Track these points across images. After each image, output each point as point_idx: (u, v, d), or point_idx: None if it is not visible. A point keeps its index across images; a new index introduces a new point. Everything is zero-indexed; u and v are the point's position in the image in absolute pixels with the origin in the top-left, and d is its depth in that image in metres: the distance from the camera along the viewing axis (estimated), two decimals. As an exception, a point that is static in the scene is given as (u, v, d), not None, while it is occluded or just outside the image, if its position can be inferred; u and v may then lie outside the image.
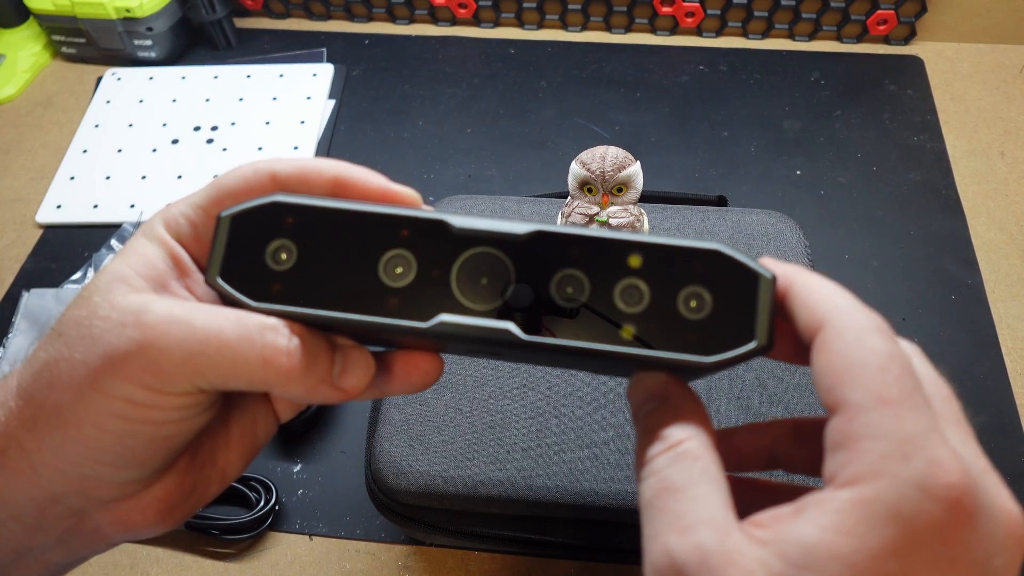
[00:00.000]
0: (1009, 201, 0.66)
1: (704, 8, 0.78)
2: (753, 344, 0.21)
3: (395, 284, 0.22)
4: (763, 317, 0.21)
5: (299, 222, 0.22)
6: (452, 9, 0.81)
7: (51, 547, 0.25)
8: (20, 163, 0.73)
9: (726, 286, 0.21)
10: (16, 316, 0.60)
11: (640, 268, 0.22)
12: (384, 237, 0.22)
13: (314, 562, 0.49)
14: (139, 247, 0.24)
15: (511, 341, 0.21)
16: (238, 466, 0.27)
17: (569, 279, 0.22)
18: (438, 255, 0.22)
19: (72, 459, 0.22)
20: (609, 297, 0.22)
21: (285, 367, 0.22)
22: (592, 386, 0.44)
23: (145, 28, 0.77)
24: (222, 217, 0.23)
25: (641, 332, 0.21)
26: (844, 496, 0.18)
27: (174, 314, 0.21)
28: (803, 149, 0.70)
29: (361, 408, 0.55)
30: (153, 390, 0.21)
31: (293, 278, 0.22)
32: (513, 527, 0.43)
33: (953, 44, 0.79)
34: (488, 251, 0.22)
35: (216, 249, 0.22)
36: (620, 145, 0.46)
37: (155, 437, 0.22)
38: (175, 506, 0.25)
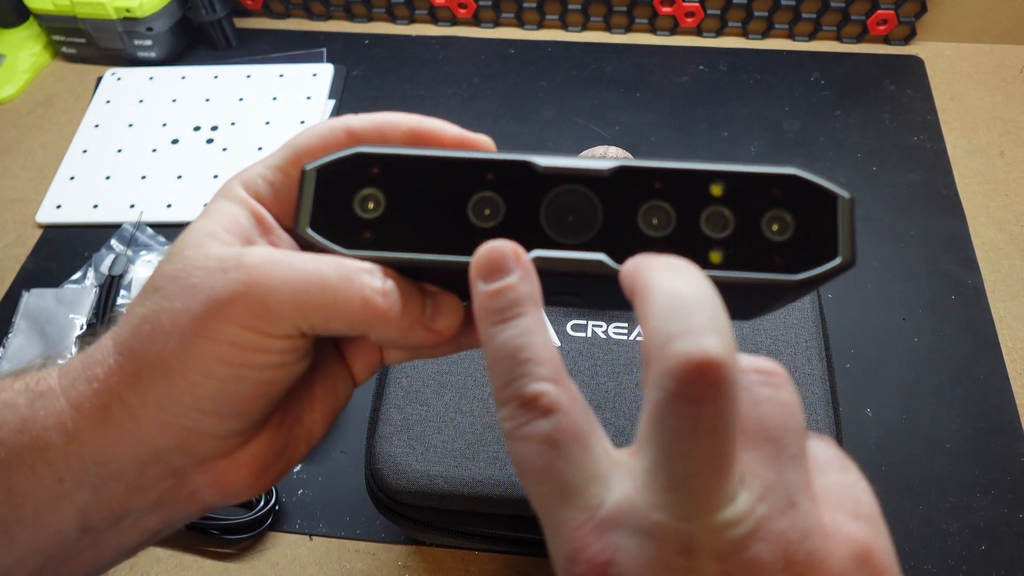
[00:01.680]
0: (1009, 201, 0.66)
1: (704, 8, 0.78)
2: (838, 260, 0.21)
3: (485, 225, 0.23)
4: (845, 235, 0.22)
5: (384, 171, 0.23)
6: (452, 9, 0.81)
7: (148, 510, 0.25)
8: (20, 163, 0.73)
9: (807, 208, 0.22)
10: (16, 316, 0.60)
11: (723, 196, 0.22)
12: (470, 181, 0.23)
13: (314, 562, 0.49)
14: (221, 207, 0.24)
15: (604, 272, 0.22)
16: (322, 426, 0.27)
17: (655, 210, 0.22)
18: (525, 195, 0.23)
19: (176, 410, 0.22)
20: (695, 225, 0.22)
21: (383, 307, 0.22)
22: (592, 386, 0.44)
23: (145, 28, 0.77)
24: (307, 170, 0.23)
25: (729, 256, 0.22)
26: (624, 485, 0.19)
27: (275, 256, 0.22)
28: (803, 149, 0.70)
29: (361, 408, 0.55)
30: (259, 332, 0.22)
31: (383, 225, 0.23)
32: (513, 527, 0.43)
33: (953, 44, 0.78)
34: (574, 188, 0.23)
35: (303, 201, 0.23)
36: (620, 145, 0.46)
37: (258, 382, 0.23)
38: (268, 466, 0.25)
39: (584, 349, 0.45)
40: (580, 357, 0.45)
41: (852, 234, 0.22)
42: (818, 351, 0.45)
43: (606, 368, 0.44)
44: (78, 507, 0.23)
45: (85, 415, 0.23)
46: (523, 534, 0.44)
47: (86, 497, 0.23)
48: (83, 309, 0.60)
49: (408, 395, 0.44)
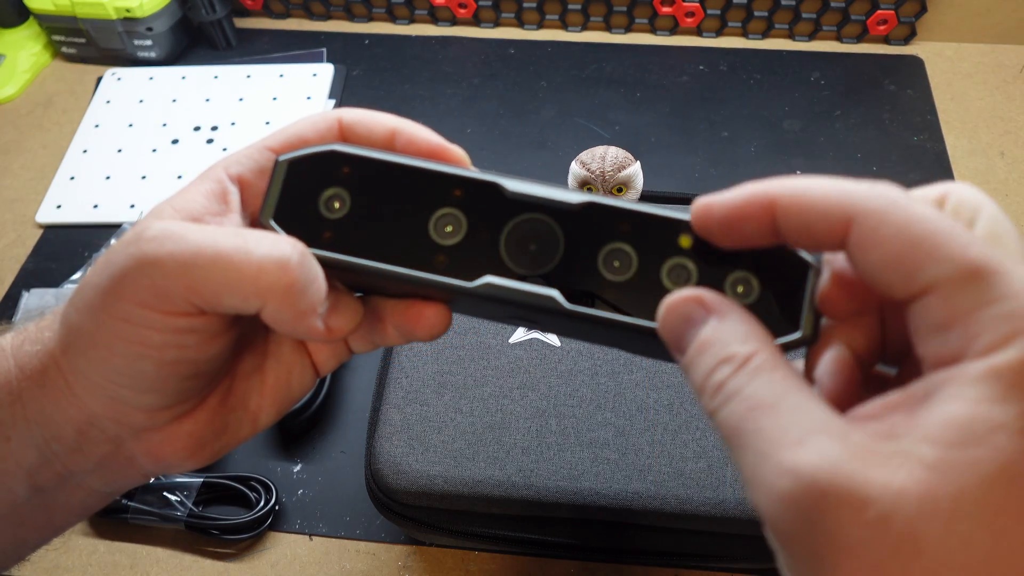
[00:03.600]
0: (1009, 201, 0.66)
1: (704, 8, 0.78)
2: (797, 335, 0.21)
3: (444, 242, 0.22)
4: (809, 308, 0.21)
5: (355, 173, 0.23)
6: (452, 9, 0.81)
7: (90, 472, 0.25)
8: (20, 163, 0.73)
9: (775, 274, 0.21)
10: (16, 316, 0.60)
11: (690, 248, 0.21)
12: (437, 195, 0.23)
13: (314, 562, 0.49)
14: (190, 186, 0.24)
15: (555, 309, 0.21)
16: (270, 413, 0.27)
17: (618, 253, 0.22)
18: (489, 217, 0.22)
19: (96, 381, 0.23)
20: (656, 275, 0.21)
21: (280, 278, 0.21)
22: (592, 386, 0.44)
23: (145, 28, 0.76)
24: (279, 161, 0.23)
25: None
26: (983, 366, 0.16)
27: (170, 229, 0.21)
28: (803, 149, 0.70)
29: (361, 408, 0.55)
30: (149, 307, 0.21)
31: (344, 227, 0.23)
32: (513, 527, 0.43)
33: (953, 44, 0.78)
34: (539, 217, 0.22)
35: (271, 191, 0.23)
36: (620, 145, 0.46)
37: (161, 361, 0.22)
38: (205, 443, 0.25)
39: (584, 349, 0.45)
40: (580, 357, 0.45)
41: (817, 308, 0.21)
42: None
43: (606, 368, 0.44)
44: (25, 467, 0.24)
45: (27, 376, 0.24)
46: (523, 534, 0.44)
47: (32, 456, 0.24)
48: (83, 309, 0.60)
49: (408, 395, 0.44)
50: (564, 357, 0.45)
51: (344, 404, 0.56)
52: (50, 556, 0.50)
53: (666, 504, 0.40)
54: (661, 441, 0.42)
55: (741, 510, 0.40)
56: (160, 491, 0.49)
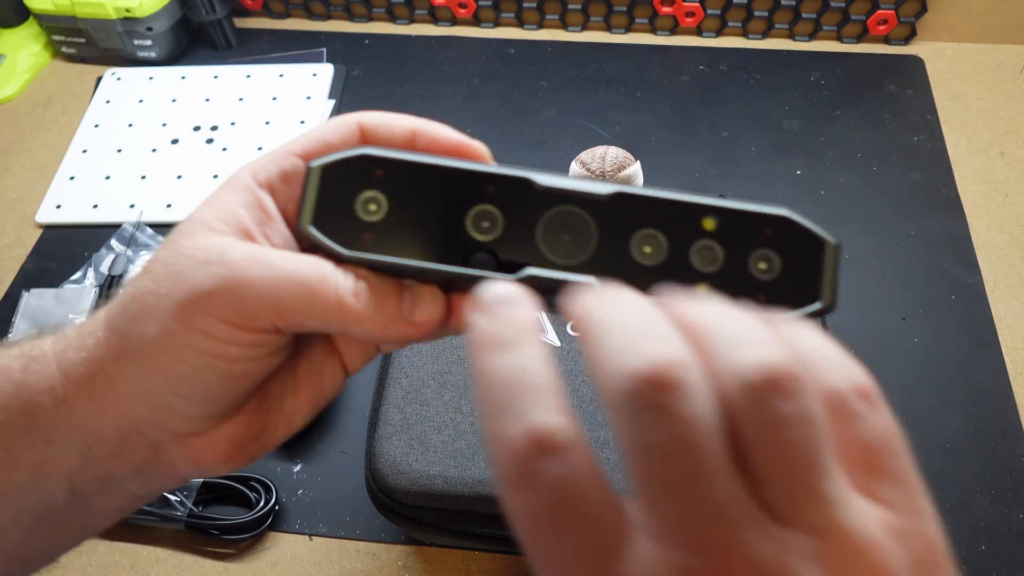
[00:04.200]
0: (1009, 201, 0.66)
1: (704, 8, 0.78)
2: (819, 304, 0.22)
3: (483, 238, 0.23)
4: (828, 279, 0.22)
5: (389, 175, 0.23)
6: (452, 9, 0.81)
7: (130, 477, 0.26)
8: (20, 163, 0.73)
9: (794, 250, 0.22)
10: (16, 316, 0.60)
11: (715, 230, 0.23)
12: (471, 193, 0.23)
13: (314, 562, 0.49)
14: (222, 196, 0.25)
15: None
16: (304, 414, 0.27)
17: (648, 238, 0.23)
18: (523, 211, 0.23)
19: (151, 389, 0.23)
20: (686, 257, 0.23)
21: (355, 307, 0.23)
22: (592, 386, 0.44)
23: (145, 28, 0.76)
24: (312, 167, 0.23)
25: (715, 290, 0.22)
26: None
27: (257, 254, 0.23)
28: (803, 149, 0.70)
29: (361, 408, 0.55)
30: (233, 325, 0.22)
31: (383, 228, 0.23)
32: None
33: (953, 44, 0.78)
34: (571, 209, 0.23)
35: (307, 198, 0.23)
36: (620, 145, 0.46)
37: (228, 374, 0.23)
38: (243, 446, 0.26)
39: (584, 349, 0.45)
40: (580, 357, 0.45)
41: (835, 279, 0.22)
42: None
43: (606, 368, 0.44)
44: (66, 471, 0.25)
45: (73, 382, 0.24)
46: (523, 534, 0.44)
47: (73, 460, 0.25)
48: (83, 309, 0.60)
49: (408, 395, 0.44)
50: (564, 357, 0.45)
51: (344, 404, 0.55)
52: (50, 556, 0.50)
53: (666, 504, 0.40)
54: (661, 441, 0.42)
55: (741, 510, 0.40)
56: (160, 491, 0.49)
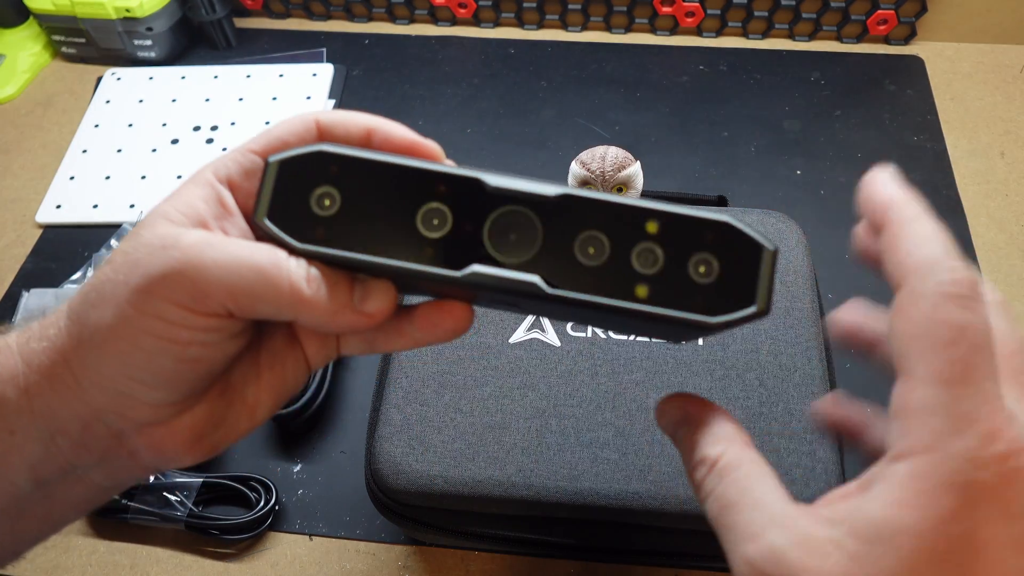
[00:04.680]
0: (1009, 201, 0.66)
1: (704, 8, 0.78)
2: (752, 308, 0.23)
3: (432, 235, 0.24)
4: (763, 285, 0.23)
5: (343, 171, 0.24)
6: (452, 9, 0.81)
7: (93, 466, 0.26)
8: (20, 163, 0.73)
9: (733, 255, 0.23)
10: (16, 316, 0.60)
11: (656, 234, 0.23)
12: (423, 191, 0.24)
13: (314, 562, 0.49)
14: (183, 191, 0.25)
15: (536, 293, 0.23)
16: (268, 406, 0.28)
17: (591, 240, 0.23)
18: (472, 210, 0.24)
19: (109, 375, 0.24)
20: (627, 259, 0.23)
21: (307, 292, 0.23)
22: (592, 386, 0.44)
23: (145, 28, 0.76)
24: (270, 162, 0.24)
25: (654, 292, 0.23)
26: (900, 470, 0.19)
27: (210, 239, 0.23)
28: (803, 149, 0.70)
29: (361, 408, 0.55)
30: (186, 308, 0.23)
31: (336, 223, 0.24)
32: (513, 527, 0.43)
33: (953, 44, 0.78)
34: (519, 209, 0.24)
35: (264, 192, 0.24)
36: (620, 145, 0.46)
37: (183, 357, 0.24)
38: (204, 436, 0.26)
39: (584, 349, 0.45)
40: (580, 357, 0.45)
41: (770, 285, 0.23)
42: (818, 351, 0.45)
43: (606, 368, 0.44)
44: (28, 461, 0.25)
45: (35, 371, 0.25)
46: (523, 534, 0.44)
47: (36, 450, 0.25)
48: (83, 309, 0.60)
49: (408, 395, 0.44)
50: (564, 357, 0.45)
51: (344, 404, 0.55)
52: (50, 556, 0.50)
53: (666, 504, 0.40)
54: (661, 441, 0.42)
55: (741, 510, 0.40)
56: (160, 491, 0.49)
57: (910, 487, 0.19)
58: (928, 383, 0.19)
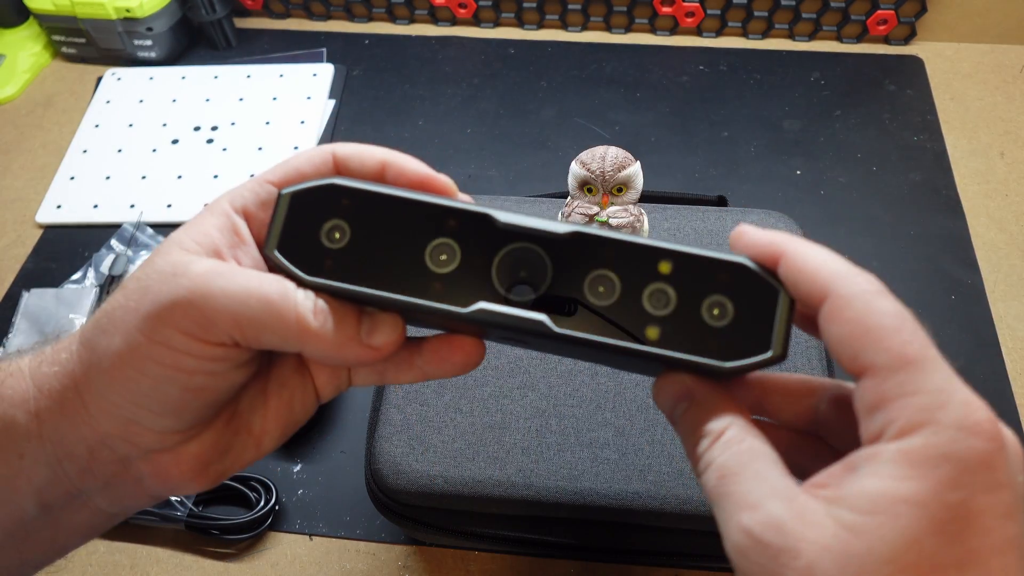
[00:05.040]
0: (1009, 201, 0.66)
1: (704, 8, 0.78)
2: (768, 354, 0.22)
3: (440, 270, 0.24)
4: (780, 329, 0.22)
5: (354, 205, 0.24)
6: (452, 9, 0.81)
7: (98, 491, 0.26)
8: (20, 163, 0.73)
9: (748, 298, 0.23)
10: (16, 316, 0.60)
11: (669, 274, 0.23)
12: (432, 226, 0.24)
13: (314, 562, 0.49)
14: (200, 220, 0.25)
15: (544, 332, 0.23)
16: (274, 436, 0.28)
17: (602, 279, 0.23)
18: (481, 246, 0.24)
19: (116, 402, 0.24)
20: (638, 299, 0.23)
21: (314, 325, 0.23)
22: (592, 386, 0.44)
23: (145, 28, 0.77)
24: (283, 194, 0.24)
25: (665, 334, 0.23)
26: (896, 447, 0.19)
27: (219, 267, 0.23)
28: (803, 149, 0.70)
29: (361, 408, 0.55)
30: (193, 336, 0.23)
31: (345, 256, 0.24)
32: (513, 527, 0.43)
33: (953, 44, 0.78)
34: (528, 247, 0.23)
35: (275, 224, 0.24)
36: (620, 145, 0.46)
37: (188, 386, 0.24)
38: (209, 464, 0.26)
39: (584, 349, 0.45)
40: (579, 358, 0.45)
41: (787, 330, 0.22)
42: (818, 351, 0.45)
43: (606, 368, 0.44)
44: (36, 485, 0.25)
45: (46, 395, 0.25)
46: (523, 534, 0.44)
47: (43, 474, 0.25)
48: (83, 309, 0.60)
49: (408, 395, 0.44)
50: (564, 357, 0.45)
51: (344, 404, 0.56)
52: (50, 556, 0.50)
53: (666, 504, 0.40)
54: (661, 441, 0.42)
55: (741, 510, 0.40)
56: (160, 491, 0.49)
57: (905, 461, 0.19)
58: (895, 370, 0.20)
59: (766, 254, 0.23)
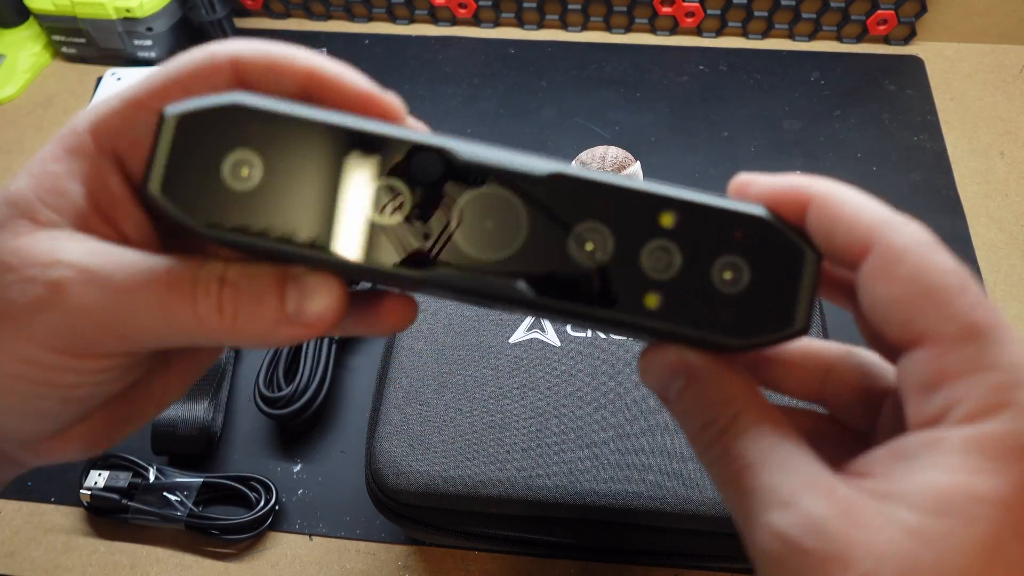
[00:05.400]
0: (1009, 201, 0.66)
1: (704, 8, 0.78)
2: (790, 328, 0.19)
3: (383, 220, 0.19)
4: (804, 299, 0.19)
5: (267, 132, 0.18)
6: (452, 9, 0.81)
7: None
8: (20, 163, 0.73)
9: (767, 259, 0.19)
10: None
11: (673, 228, 0.19)
12: (376, 162, 0.19)
13: (314, 562, 0.49)
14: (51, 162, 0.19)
15: (520, 299, 0.19)
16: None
17: (590, 232, 0.19)
18: (437, 189, 0.19)
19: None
20: (635, 259, 0.19)
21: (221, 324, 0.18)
22: (592, 386, 0.44)
23: (145, 28, 0.76)
24: (166, 116, 0.18)
25: (668, 302, 0.19)
26: (965, 434, 0.16)
27: (91, 267, 0.18)
28: (803, 149, 0.70)
29: (361, 408, 0.55)
30: (64, 353, 0.19)
31: (255, 200, 0.18)
32: (513, 527, 0.43)
33: (953, 44, 0.78)
34: (498, 191, 0.19)
35: (157, 155, 0.18)
36: (620, 145, 0.46)
37: (68, 398, 0.20)
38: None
39: (584, 349, 0.45)
40: (580, 357, 0.45)
41: (812, 298, 0.19)
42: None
43: (606, 368, 0.44)
44: None
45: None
46: (523, 534, 0.44)
47: None
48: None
49: (408, 395, 0.44)
50: (564, 357, 0.45)
51: (344, 404, 0.56)
52: (50, 556, 0.50)
53: (666, 504, 0.40)
54: (661, 441, 0.42)
55: (741, 510, 0.40)
56: (160, 491, 0.49)
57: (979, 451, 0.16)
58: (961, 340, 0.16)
59: (787, 201, 0.19)
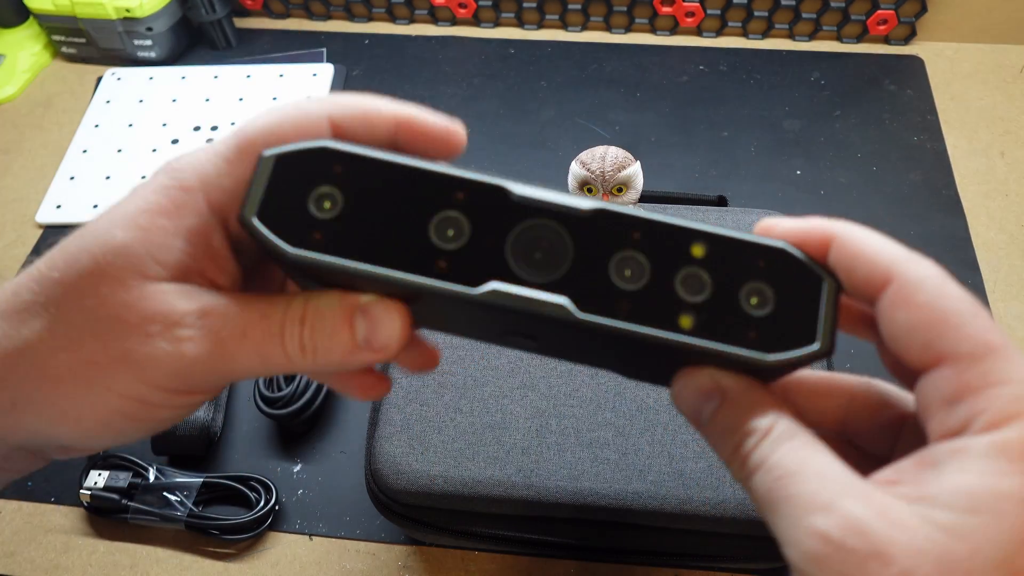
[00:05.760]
0: (1009, 201, 0.66)
1: (704, 8, 0.78)
2: (816, 347, 0.20)
3: (446, 247, 0.21)
4: (826, 320, 0.21)
5: (348, 171, 0.21)
6: (452, 9, 0.81)
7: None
8: (20, 163, 0.73)
9: (789, 285, 0.21)
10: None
11: (703, 258, 0.21)
12: (439, 197, 0.21)
13: (314, 562, 0.49)
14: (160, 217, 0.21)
15: (564, 318, 0.20)
16: None
17: (629, 260, 0.21)
18: (494, 222, 0.21)
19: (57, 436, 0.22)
20: (670, 284, 0.21)
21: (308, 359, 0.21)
22: (592, 386, 0.44)
23: (145, 28, 0.77)
24: (264, 156, 0.21)
25: (700, 323, 0.21)
26: (989, 440, 0.18)
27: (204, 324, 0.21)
28: (803, 149, 0.70)
29: (361, 408, 0.55)
30: (174, 392, 0.21)
31: (336, 228, 0.21)
32: (513, 527, 0.43)
33: (953, 44, 0.78)
34: (547, 223, 0.21)
35: (254, 188, 0.21)
36: (620, 145, 0.46)
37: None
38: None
39: (584, 349, 0.45)
40: (580, 357, 0.45)
41: (834, 320, 0.21)
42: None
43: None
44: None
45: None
46: (523, 534, 0.44)
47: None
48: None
49: (408, 395, 0.44)
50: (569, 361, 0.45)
51: (344, 404, 0.55)
52: (50, 556, 0.50)
53: (666, 504, 0.40)
54: (661, 441, 0.42)
55: (741, 510, 0.40)
56: (160, 491, 0.49)
57: (1002, 454, 0.17)
58: (979, 358, 0.18)
59: (810, 239, 0.21)
